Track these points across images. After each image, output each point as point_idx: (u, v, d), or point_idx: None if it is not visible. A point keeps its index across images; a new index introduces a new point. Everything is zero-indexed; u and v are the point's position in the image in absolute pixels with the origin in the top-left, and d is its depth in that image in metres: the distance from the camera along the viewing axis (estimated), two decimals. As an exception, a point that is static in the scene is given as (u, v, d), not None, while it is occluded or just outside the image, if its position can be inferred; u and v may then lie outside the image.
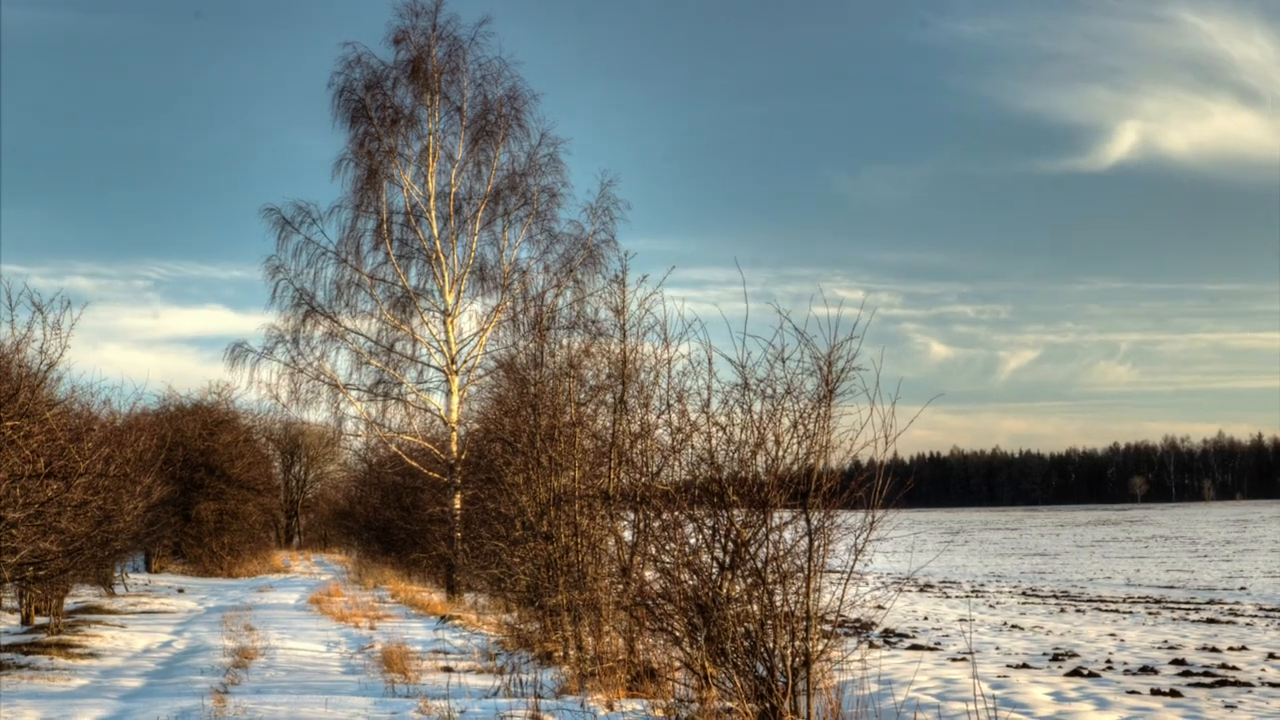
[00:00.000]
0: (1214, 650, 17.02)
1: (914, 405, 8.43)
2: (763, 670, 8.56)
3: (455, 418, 27.14)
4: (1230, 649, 17.20)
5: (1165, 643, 18.27)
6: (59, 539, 13.90)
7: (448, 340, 27.54)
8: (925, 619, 23.57)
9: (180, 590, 31.92)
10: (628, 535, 12.65)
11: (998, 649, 17.35)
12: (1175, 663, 15.26)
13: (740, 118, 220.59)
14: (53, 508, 13.07)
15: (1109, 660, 15.71)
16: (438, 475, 27.06)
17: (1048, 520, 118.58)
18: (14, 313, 12.52)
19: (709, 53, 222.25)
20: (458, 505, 25.52)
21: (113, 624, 20.62)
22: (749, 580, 8.79)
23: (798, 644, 8.42)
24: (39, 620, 20.13)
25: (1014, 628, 21.46)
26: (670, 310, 25.43)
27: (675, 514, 9.69)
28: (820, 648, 8.45)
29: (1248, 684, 13.21)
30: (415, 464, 27.71)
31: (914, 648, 17.32)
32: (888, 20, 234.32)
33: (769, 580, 8.57)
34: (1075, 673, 14.04)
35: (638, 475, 12.09)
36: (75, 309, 12.58)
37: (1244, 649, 17.28)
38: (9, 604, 22.28)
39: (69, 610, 22.61)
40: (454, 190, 27.70)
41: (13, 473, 12.18)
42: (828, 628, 8.57)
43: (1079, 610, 26.18)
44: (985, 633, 20.40)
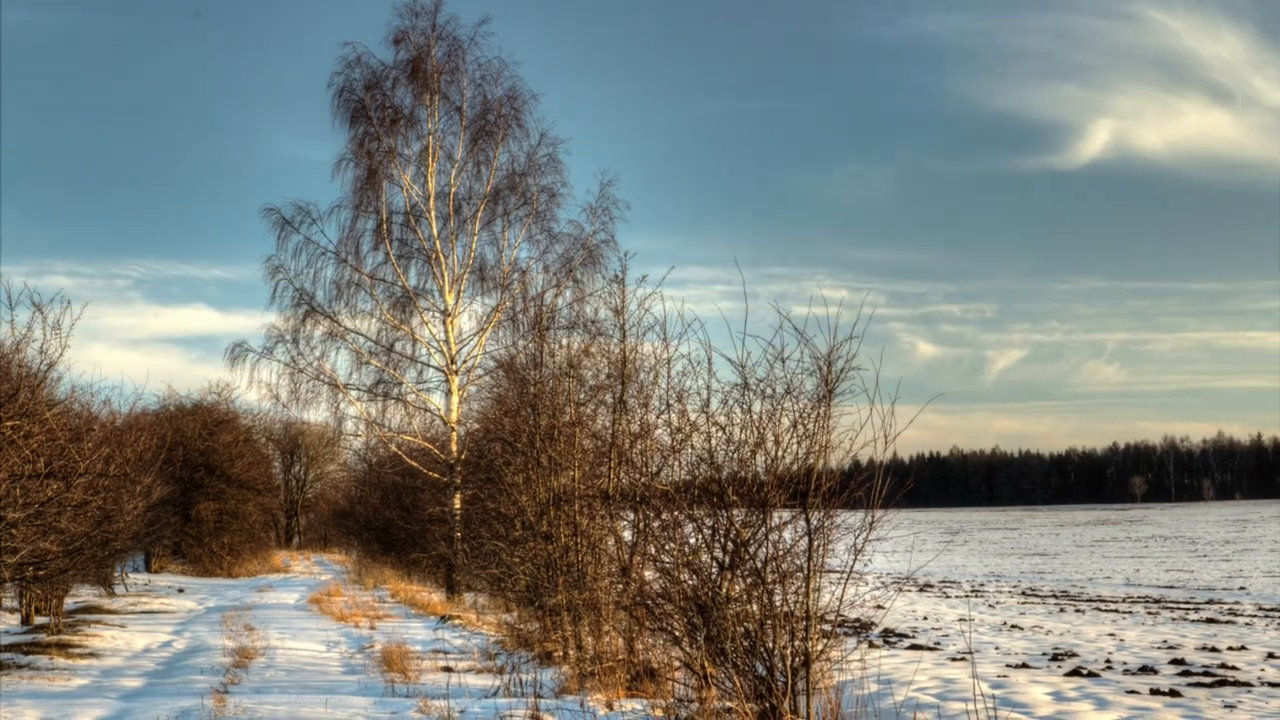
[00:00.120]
0: (1213, 650, 17.03)
1: (910, 405, 8.43)
2: (762, 670, 8.56)
3: (455, 418, 27.15)
4: (1230, 649, 17.21)
5: (1165, 642, 18.27)
6: (59, 539, 13.90)
7: (447, 340, 27.55)
8: (925, 619, 23.57)
9: (180, 590, 31.93)
10: (627, 535, 12.65)
11: (997, 649, 17.36)
12: (1175, 662, 15.27)
13: (707, 115, 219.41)
14: (53, 508, 13.08)
15: (1108, 660, 15.72)
16: (437, 475, 27.07)
17: (1047, 520, 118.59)
18: (14, 313, 12.54)
19: (674, 50, 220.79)
20: (457, 505, 25.53)
21: (113, 624, 20.62)
22: (749, 580, 8.80)
23: (797, 644, 8.42)
24: (39, 620, 20.14)
25: (1013, 627, 21.47)
26: (669, 310, 25.44)
27: (675, 514, 9.69)
28: (820, 647, 8.45)
29: (1247, 684, 13.22)
30: (415, 464, 27.72)
31: (913, 647, 17.33)
32: (849, 17, 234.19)
33: (769, 580, 8.58)
34: (1075, 672, 14.05)
35: (637, 475, 12.09)
36: (75, 308, 12.59)
37: (1243, 649, 17.29)
38: (9, 604, 22.29)
39: (69, 610, 22.62)
40: (453, 190, 27.71)
41: (13, 473, 12.18)
42: (827, 627, 8.58)
43: (1078, 610, 26.19)
44: (985, 632, 20.41)
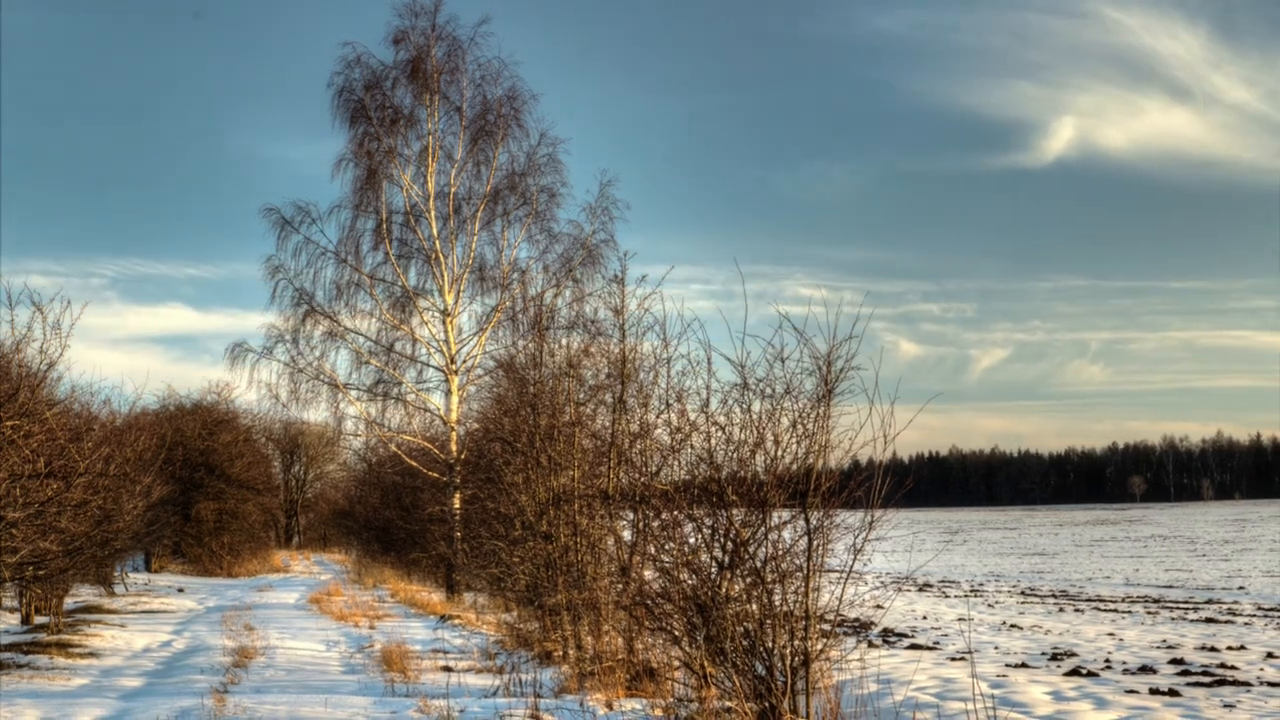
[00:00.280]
0: (1212, 650, 17.04)
1: (903, 404, 8.45)
2: (762, 669, 8.57)
3: (455, 417, 27.17)
4: (1229, 648, 17.22)
5: (1164, 642, 18.29)
6: (59, 539, 13.90)
7: (447, 340, 27.57)
8: (924, 618, 23.59)
9: (180, 590, 31.94)
10: (627, 535, 12.66)
11: (996, 648, 17.37)
12: (1174, 662, 15.28)
13: (671, 112, 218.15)
14: (53, 507, 13.08)
15: (1108, 660, 15.73)
16: (437, 475, 27.08)
17: (1046, 520, 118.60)
18: (14, 312, 12.54)
19: (639, 48, 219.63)
20: (457, 505, 25.53)
21: (113, 623, 20.63)
22: (748, 580, 8.81)
23: (797, 643, 8.43)
24: (39, 620, 20.14)
25: (1013, 627, 21.48)
26: (668, 309, 25.46)
27: (674, 513, 9.70)
28: (819, 647, 8.46)
29: (1246, 683, 13.23)
30: (415, 463, 27.73)
31: (913, 647, 17.34)
32: (803, 14, 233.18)
33: (768, 580, 8.59)
34: (1074, 672, 14.06)
35: (637, 475, 12.10)
36: (75, 308, 12.59)
37: (1242, 648, 17.30)
38: (9, 603, 22.29)
39: (69, 610, 22.63)
40: (453, 190, 27.73)
41: (13, 472, 12.18)
42: (827, 627, 8.59)
43: (1078, 610, 26.20)
44: (984, 632, 20.42)
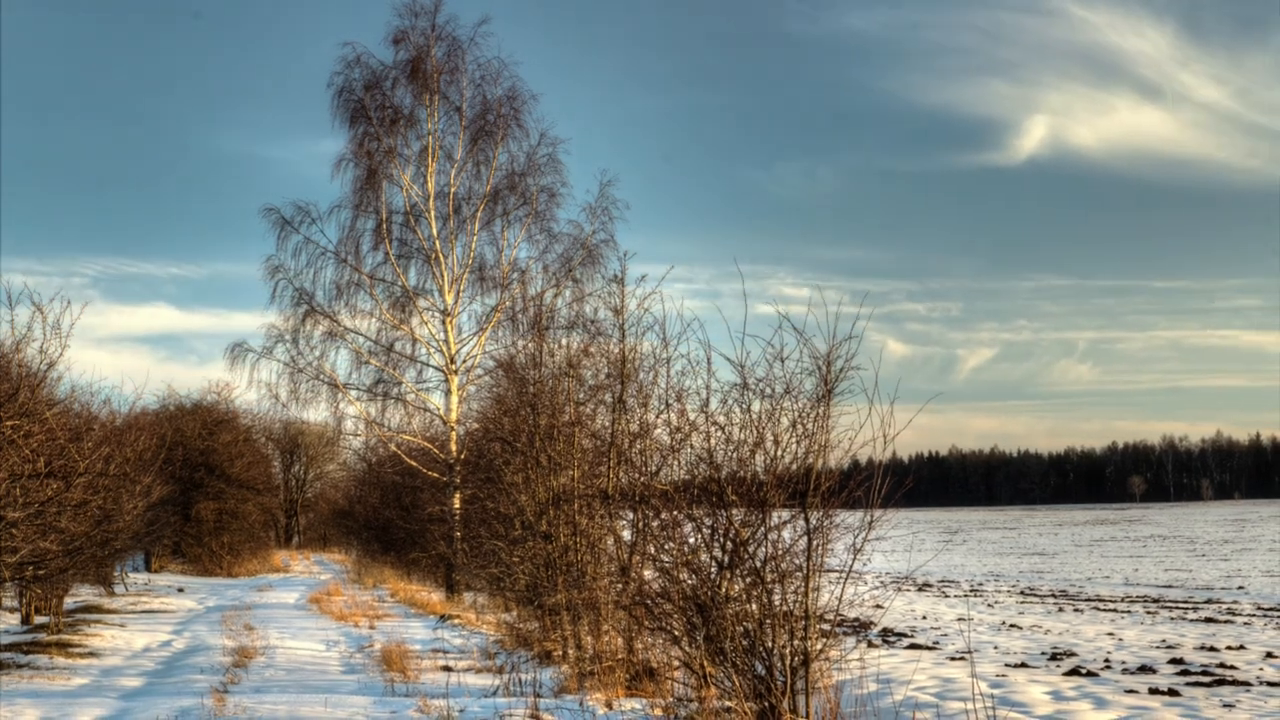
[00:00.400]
0: (1212, 649, 17.04)
1: (900, 405, 8.46)
2: (761, 669, 8.58)
3: (454, 417, 27.17)
4: (1228, 648, 17.23)
5: (1163, 642, 18.29)
6: (59, 538, 13.91)
7: (447, 340, 27.57)
8: (924, 618, 23.59)
9: (180, 589, 31.94)
10: (627, 535, 12.67)
11: (996, 648, 17.37)
12: (1173, 662, 15.29)
13: (643, 110, 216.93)
14: (53, 507, 13.08)
15: (1107, 659, 15.74)
16: (437, 475, 27.08)
17: (1046, 519, 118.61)
18: (14, 312, 12.54)
19: (622, 48, 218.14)
20: (457, 504, 25.54)
21: (112, 623, 20.64)
22: (748, 579, 8.81)
23: (796, 643, 8.44)
24: (39, 619, 20.14)
25: (1012, 627, 21.49)
26: (668, 309, 25.47)
27: (674, 513, 9.71)
28: (819, 647, 8.47)
29: (1246, 683, 13.23)
30: (414, 463, 27.73)
31: (912, 647, 17.35)
32: (770, 10, 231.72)
33: (768, 579, 8.60)
34: (1073, 672, 14.06)
35: (637, 475, 12.11)
36: (75, 308, 12.59)
37: (1242, 648, 17.31)
38: (9, 603, 22.30)
39: (69, 609, 22.63)
40: (453, 190, 27.73)
41: (13, 472, 12.19)
42: (826, 627, 8.59)
43: (1077, 609, 26.21)
44: (983, 632, 20.43)
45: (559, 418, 14.02)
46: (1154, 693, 12.22)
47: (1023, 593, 32.82)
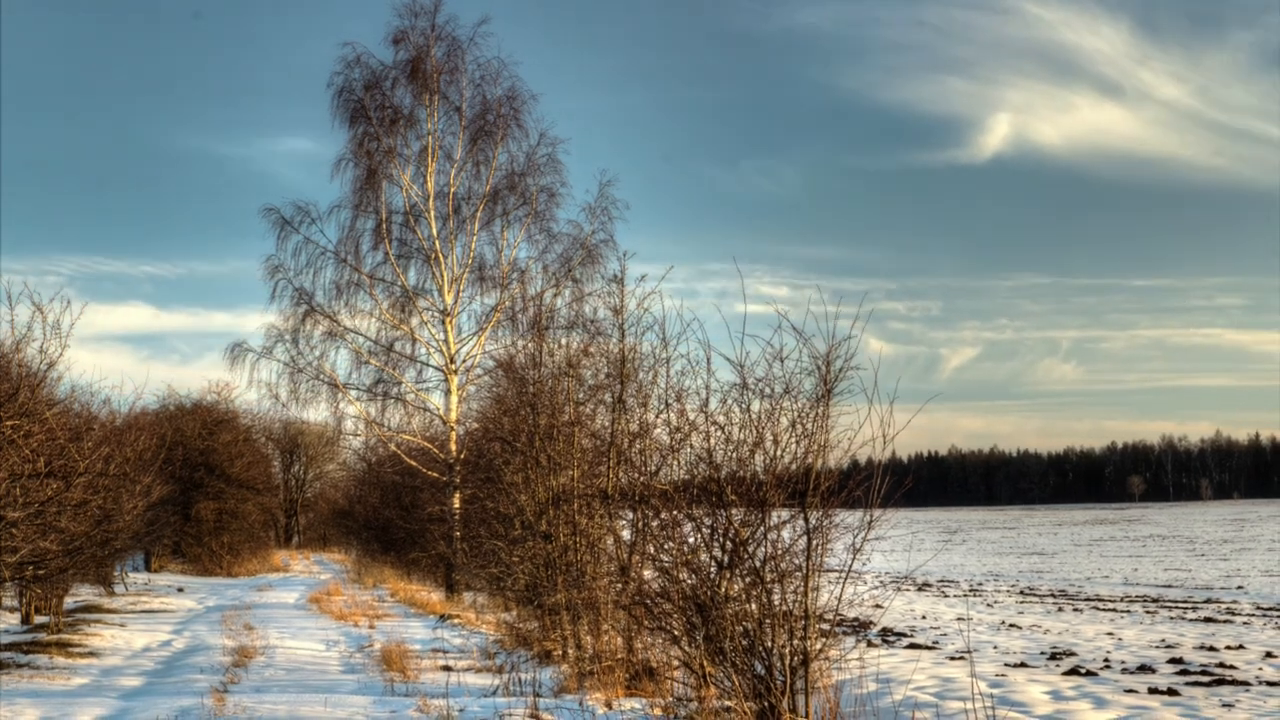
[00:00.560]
0: (1211, 649, 17.05)
1: (895, 404, 8.46)
2: (761, 669, 8.59)
3: (454, 417, 27.18)
4: (1228, 648, 17.24)
5: (1163, 641, 18.31)
6: (59, 538, 13.91)
7: (446, 340, 27.58)
8: (923, 618, 23.60)
9: (180, 589, 31.94)
10: (626, 534, 12.68)
11: (995, 648, 17.39)
12: (1173, 661, 15.30)
13: (611, 107, 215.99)
14: (53, 507, 13.09)
15: (1106, 659, 15.75)
16: (437, 474, 27.09)
17: (1045, 519, 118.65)
18: (14, 312, 12.55)
19: (573, 42, 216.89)
20: (456, 504, 25.54)
21: (112, 623, 20.64)
22: (747, 579, 8.82)
23: (796, 643, 8.45)
24: (39, 619, 20.15)
25: (1012, 626, 21.49)
26: (667, 309, 25.47)
27: (674, 513, 9.72)
28: (818, 646, 8.47)
29: (1245, 683, 13.25)
30: (414, 463, 27.74)
31: (912, 646, 17.35)
32: (720, 6, 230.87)
33: (767, 579, 8.60)
34: (1073, 671, 14.07)
35: (636, 474, 12.12)
36: (75, 308, 12.60)
37: (1241, 648, 17.32)
38: (9, 603, 22.30)
39: (69, 609, 22.64)
40: (453, 190, 27.74)
41: (13, 472, 12.20)
42: (826, 626, 8.60)
43: (1076, 609, 26.22)
44: (983, 631, 20.44)
45: (558, 417, 14.03)
46: (1153, 692, 12.23)
47: (1022, 592, 32.83)
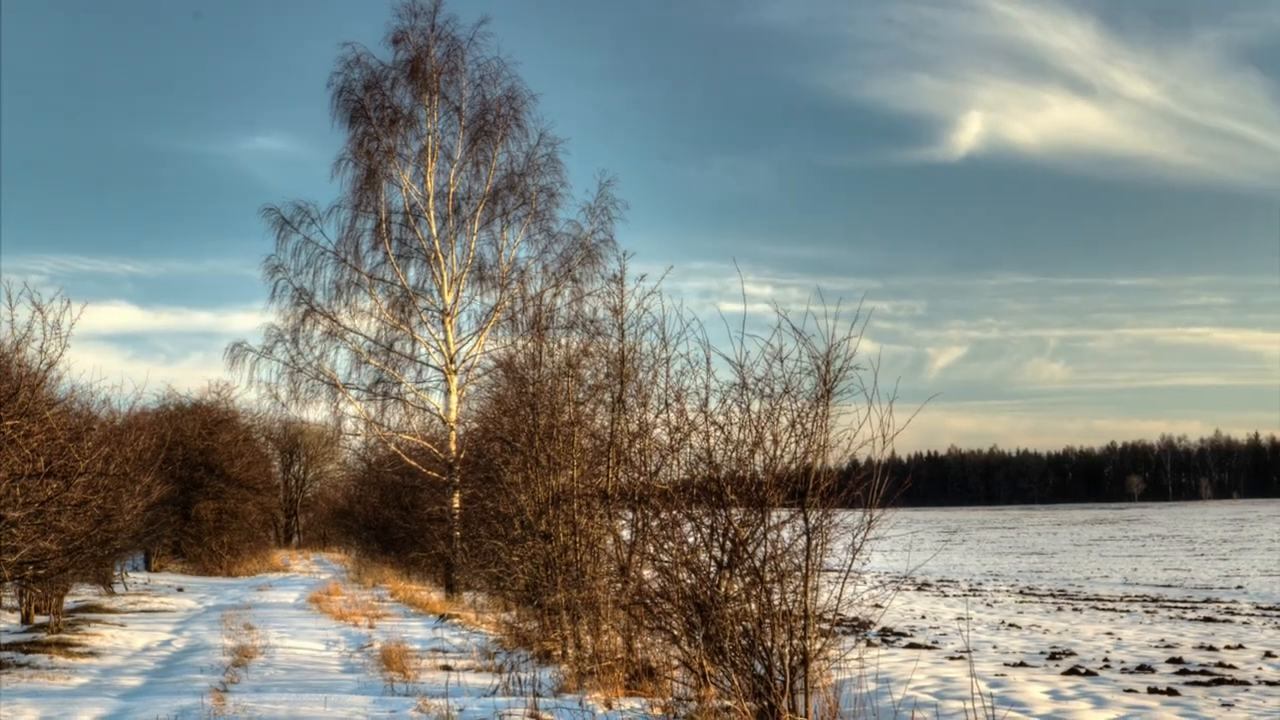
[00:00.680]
0: (1211, 649, 17.06)
1: (899, 404, 8.47)
2: (761, 669, 8.59)
3: (454, 417, 27.19)
4: (1227, 647, 17.25)
5: (1162, 641, 18.31)
6: (59, 538, 13.92)
7: (446, 339, 27.59)
8: (923, 617, 23.61)
9: (180, 589, 31.94)
10: (626, 534, 12.68)
11: (995, 647, 17.39)
12: (1172, 661, 15.31)
13: (582, 103, 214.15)
14: (53, 507, 13.10)
15: (1106, 659, 15.75)
16: (436, 474, 27.10)
17: (1045, 519, 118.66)
18: (14, 312, 12.55)
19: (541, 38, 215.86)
20: (456, 504, 25.55)
21: (112, 623, 20.65)
22: (747, 579, 8.83)
23: (795, 642, 8.45)
24: (39, 619, 20.16)
25: (1011, 626, 21.50)
26: (666, 309, 25.46)
27: (673, 513, 9.73)
28: (818, 646, 8.48)
29: (1244, 682, 13.25)
30: (414, 463, 27.75)
31: (911, 646, 17.36)
32: (685, 2, 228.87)
33: (767, 579, 8.61)
34: (1072, 671, 14.08)
35: (636, 474, 12.12)
36: (75, 308, 12.60)
37: (1241, 648, 17.33)
38: (9, 603, 22.30)
39: (69, 609, 22.64)
40: (453, 190, 27.75)
41: (13, 472, 12.20)
42: (825, 626, 8.61)
43: (1076, 609, 26.23)
44: (982, 631, 20.45)
45: (558, 417, 14.03)
46: (1153, 692, 12.23)
47: (1021, 592, 32.83)
